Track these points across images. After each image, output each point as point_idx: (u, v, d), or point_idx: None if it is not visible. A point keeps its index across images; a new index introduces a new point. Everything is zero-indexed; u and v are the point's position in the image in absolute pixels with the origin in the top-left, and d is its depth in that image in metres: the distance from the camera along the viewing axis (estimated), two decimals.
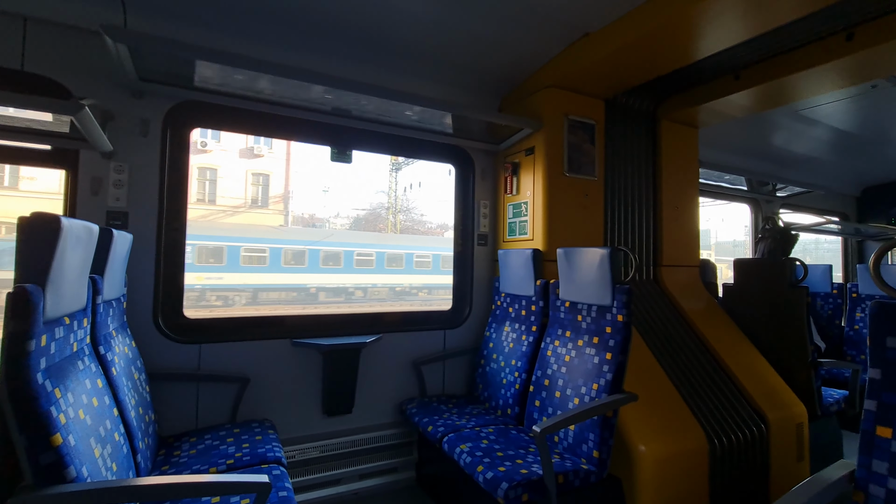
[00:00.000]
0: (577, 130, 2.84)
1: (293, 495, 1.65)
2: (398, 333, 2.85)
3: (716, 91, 2.86)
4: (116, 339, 1.82)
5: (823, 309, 4.42)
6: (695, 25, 2.09)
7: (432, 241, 20.59)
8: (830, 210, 5.61)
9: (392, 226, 23.08)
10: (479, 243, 3.19)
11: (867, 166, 5.03)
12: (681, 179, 3.30)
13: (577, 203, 2.82)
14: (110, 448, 1.39)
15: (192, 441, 2.06)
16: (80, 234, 1.33)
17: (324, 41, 2.49)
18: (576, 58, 2.54)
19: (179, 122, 2.37)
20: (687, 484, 2.14)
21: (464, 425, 2.36)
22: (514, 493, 1.71)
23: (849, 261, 5.81)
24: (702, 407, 2.39)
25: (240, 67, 2.02)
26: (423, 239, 21.05)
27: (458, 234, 3.22)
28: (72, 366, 1.32)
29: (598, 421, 1.94)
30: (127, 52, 1.86)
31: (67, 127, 2.03)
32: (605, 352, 2.07)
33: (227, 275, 14.44)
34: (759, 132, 3.93)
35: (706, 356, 2.72)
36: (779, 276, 3.06)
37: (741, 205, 4.96)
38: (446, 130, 2.98)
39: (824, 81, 2.55)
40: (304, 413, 2.56)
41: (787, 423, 2.53)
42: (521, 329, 2.66)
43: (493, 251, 3.20)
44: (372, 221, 25.32)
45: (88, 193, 2.14)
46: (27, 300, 1.09)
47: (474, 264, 3.16)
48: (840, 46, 2.28)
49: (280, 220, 20.35)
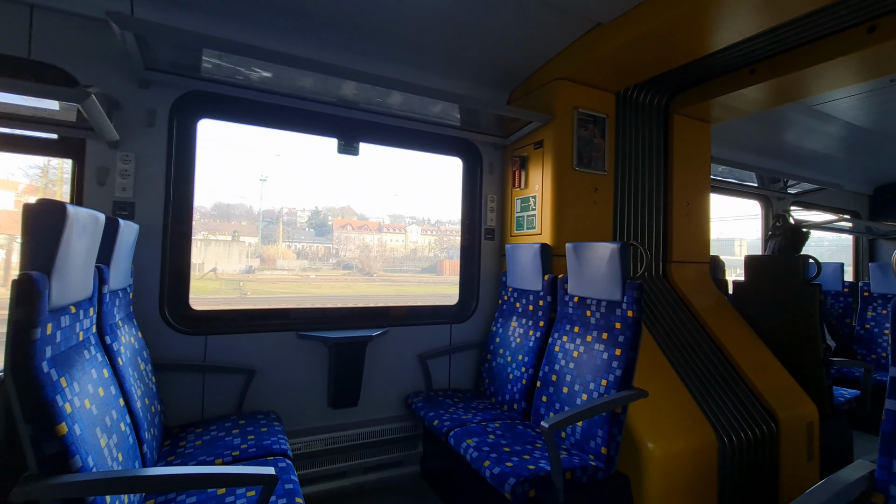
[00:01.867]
0: (588, 124, 2.80)
1: (299, 487, 1.64)
2: (404, 327, 2.84)
3: (730, 85, 2.81)
4: (123, 329, 1.81)
5: (834, 307, 4.37)
6: (709, 16, 2.04)
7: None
8: (842, 208, 5.53)
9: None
10: (487, 238, 3.16)
11: (880, 164, 4.95)
12: (692, 175, 3.26)
13: (587, 198, 2.78)
14: (116, 438, 1.38)
15: (197, 432, 2.06)
16: (87, 222, 1.32)
17: (331, 32, 2.46)
18: (586, 50, 2.49)
19: (186, 112, 2.35)
20: (695, 482, 2.11)
21: (470, 420, 2.34)
22: (521, 488, 1.69)
23: (860, 259, 5.73)
24: (711, 405, 2.36)
25: (247, 57, 2.00)
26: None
27: (465, 228, 3.19)
28: (78, 355, 1.31)
29: (606, 417, 1.91)
30: (133, 40, 1.85)
31: (74, 116, 2.02)
32: (615, 348, 2.04)
33: None
34: (772, 128, 3.87)
35: (716, 353, 2.69)
36: (791, 273, 3.02)
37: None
38: (454, 123, 2.95)
39: (843, 75, 2.50)
40: (309, 406, 2.55)
41: (797, 422, 2.50)
42: (529, 324, 2.64)
43: (500, 246, 3.17)
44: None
45: (95, 183, 2.13)
46: (32, 287, 1.08)
47: (481, 259, 3.13)
48: (861, 39, 2.22)
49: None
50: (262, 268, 14.53)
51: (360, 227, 21.61)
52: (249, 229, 14.93)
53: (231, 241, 13.73)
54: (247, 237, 14.66)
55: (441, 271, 17.21)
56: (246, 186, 24.37)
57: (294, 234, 19.46)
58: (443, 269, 17.15)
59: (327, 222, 21.77)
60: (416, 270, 18.55)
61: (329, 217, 20.33)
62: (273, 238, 18.15)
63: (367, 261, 18.60)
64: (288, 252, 17.27)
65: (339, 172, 24.78)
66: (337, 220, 21.85)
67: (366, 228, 21.35)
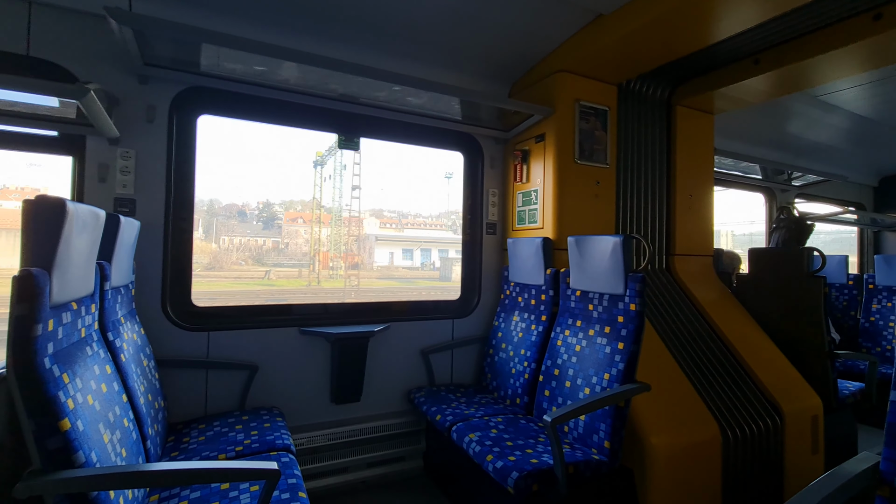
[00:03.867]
0: (589, 117, 2.78)
1: (302, 482, 1.65)
2: (406, 322, 2.84)
3: (734, 75, 2.78)
4: (125, 325, 1.81)
5: (839, 300, 4.34)
6: (712, 5, 2.01)
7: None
8: (847, 200, 5.49)
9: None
10: (488, 232, 3.15)
11: (886, 155, 4.91)
12: (695, 167, 3.23)
13: (589, 191, 2.77)
14: (119, 434, 1.38)
15: (201, 428, 2.07)
16: (87, 218, 1.32)
17: (331, 26, 2.45)
18: (588, 41, 2.47)
19: (186, 108, 2.34)
20: (699, 476, 2.11)
21: (472, 414, 2.34)
22: (524, 482, 1.69)
23: (865, 251, 5.69)
24: (715, 398, 2.35)
25: (246, 51, 1.98)
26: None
27: (466, 222, 3.18)
28: (80, 351, 1.32)
29: (609, 411, 1.91)
30: (132, 35, 1.84)
31: (74, 112, 2.02)
32: (618, 341, 2.03)
33: None
34: (776, 119, 3.83)
35: (719, 346, 2.68)
36: (795, 265, 3.00)
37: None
38: (455, 117, 2.93)
39: (848, 64, 2.46)
40: (312, 401, 2.56)
41: (802, 415, 2.49)
42: (531, 318, 2.63)
43: (501, 240, 3.16)
44: None
45: (96, 180, 2.13)
46: (33, 284, 1.08)
47: (483, 253, 3.12)
48: (866, 27, 2.19)
49: None
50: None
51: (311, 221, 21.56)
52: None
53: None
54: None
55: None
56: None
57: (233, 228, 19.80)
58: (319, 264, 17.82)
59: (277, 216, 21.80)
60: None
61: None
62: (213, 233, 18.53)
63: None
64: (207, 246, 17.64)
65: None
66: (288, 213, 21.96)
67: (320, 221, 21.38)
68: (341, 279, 18.66)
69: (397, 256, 23.89)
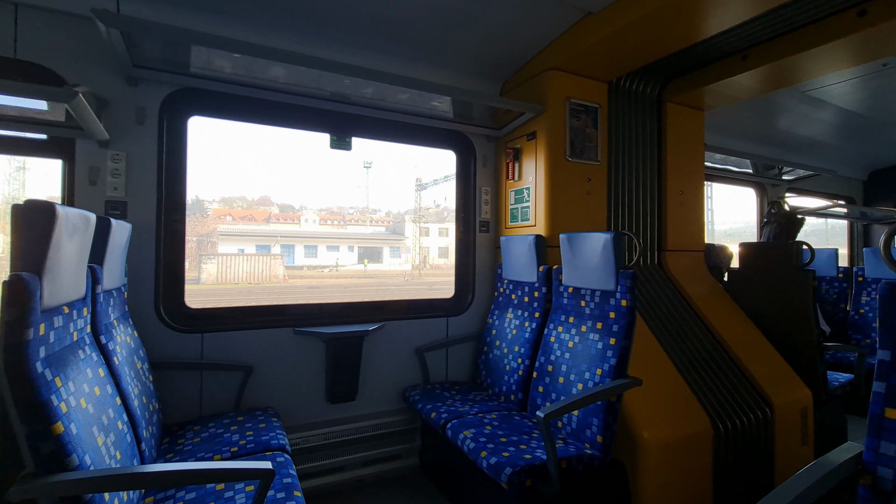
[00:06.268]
0: (580, 114, 2.79)
1: (298, 482, 1.66)
2: (401, 321, 2.85)
3: (723, 72, 2.80)
4: (118, 328, 1.81)
5: (828, 293, 4.39)
6: (699, 3, 2.03)
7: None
8: (837, 194, 5.55)
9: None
10: (481, 230, 3.16)
11: (874, 149, 4.96)
12: (686, 163, 3.26)
13: (580, 188, 2.79)
14: (114, 436, 1.38)
15: (196, 429, 2.07)
16: (77, 222, 1.31)
17: (320, 26, 2.44)
18: (577, 39, 2.48)
19: (176, 109, 2.33)
20: (691, 468, 2.14)
21: (467, 412, 2.36)
22: (517, 478, 1.71)
23: (854, 244, 5.76)
24: (706, 391, 2.38)
25: (235, 52, 1.98)
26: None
27: (459, 221, 3.19)
28: (72, 355, 1.32)
29: (601, 406, 1.93)
30: (120, 37, 1.83)
31: (63, 115, 2.01)
32: (609, 337, 2.05)
33: None
34: (766, 115, 3.87)
35: (710, 340, 2.71)
36: (785, 259, 3.03)
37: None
38: (447, 116, 2.94)
39: (834, 59, 2.49)
40: (307, 401, 2.56)
41: (792, 407, 2.52)
42: (524, 315, 2.65)
43: (495, 238, 3.18)
44: None
45: (86, 183, 2.12)
46: (23, 288, 1.08)
47: (476, 251, 3.14)
48: (851, 22, 2.22)
49: None
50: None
51: (242, 218, 21.44)
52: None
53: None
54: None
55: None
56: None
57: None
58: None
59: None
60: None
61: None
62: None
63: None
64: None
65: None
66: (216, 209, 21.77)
67: (250, 219, 21.22)
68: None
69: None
